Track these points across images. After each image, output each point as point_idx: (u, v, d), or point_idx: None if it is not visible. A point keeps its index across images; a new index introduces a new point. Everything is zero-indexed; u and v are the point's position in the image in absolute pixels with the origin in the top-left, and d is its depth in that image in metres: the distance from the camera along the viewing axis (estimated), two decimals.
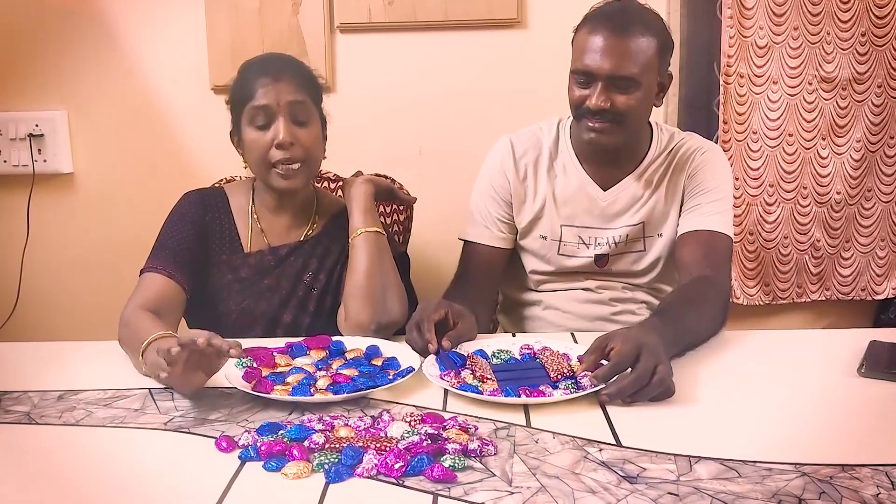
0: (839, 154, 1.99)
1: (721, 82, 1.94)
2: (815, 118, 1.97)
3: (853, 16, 1.92)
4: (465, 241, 1.53)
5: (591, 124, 1.36)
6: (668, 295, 1.41)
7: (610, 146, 1.39)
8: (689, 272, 1.37)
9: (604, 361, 1.04)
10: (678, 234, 1.44)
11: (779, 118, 1.96)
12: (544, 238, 1.49)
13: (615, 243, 1.47)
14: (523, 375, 1.09)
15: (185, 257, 1.34)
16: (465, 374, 1.09)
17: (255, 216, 1.43)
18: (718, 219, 1.41)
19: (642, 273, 1.50)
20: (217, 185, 1.65)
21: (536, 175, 1.49)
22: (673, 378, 1.03)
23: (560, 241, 1.48)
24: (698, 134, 1.53)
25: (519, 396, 1.01)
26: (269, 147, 1.32)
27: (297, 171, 1.34)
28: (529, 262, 1.53)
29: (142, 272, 1.32)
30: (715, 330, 1.27)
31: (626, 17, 1.34)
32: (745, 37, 1.92)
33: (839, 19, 1.92)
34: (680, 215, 1.45)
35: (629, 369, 1.01)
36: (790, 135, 1.97)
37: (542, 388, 1.03)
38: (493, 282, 1.55)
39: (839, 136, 1.98)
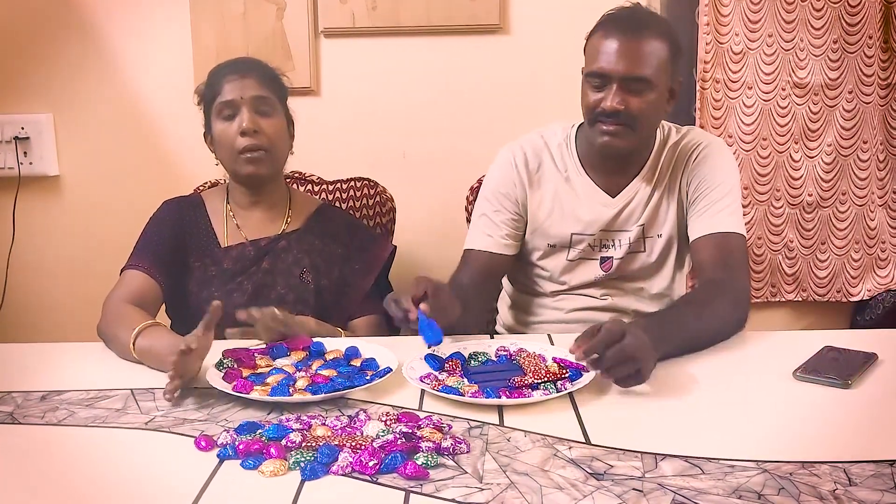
0: (811, 157, 2.03)
1: (698, 87, 1.97)
2: (788, 122, 2.00)
3: (825, 23, 1.96)
4: (466, 249, 1.52)
5: (605, 127, 1.37)
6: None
7: (623, 150, 1.40)
8: (703, 276, 1.38)
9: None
10: (692, 239, 1.43)
11: (753, 122, 2.00)
12: (553, 246, 1.50)
13: (621, 246, 1.48)
14: (500, 377, 1.10)
15: (163, 257, 1.42)
16: (444, 376, 1.11)
17: (231, 213, 1.49)
18: (729, 218, 1.40)
19: (646, 275, 1.50)
20: (198, 188, 1.70)
21: (542, 183, 1.50)
22: (650, 368, 1.06)
23: (569, 247, 1.49)
24: None
25: (499, 398, 1.03)
26: (236, 136, 1.40)
27: (262, 158, 1.41)
28: (536, 270, 1.53)
29: (123, 270, 1.41)
30: (725, 330, 1.27)
31: (639, 20, 1.36)
32: (721, 43, 1.96)
33: (812, 26, 1.96)
34: (687, 216, 1.46)
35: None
36: (764, 139, 2.01)
37: (521, 389, 1.05)
38: (490, 288, 1.55)
39: (811, 140, 2.02)
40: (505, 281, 1.63)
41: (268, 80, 1.45)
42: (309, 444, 0.90)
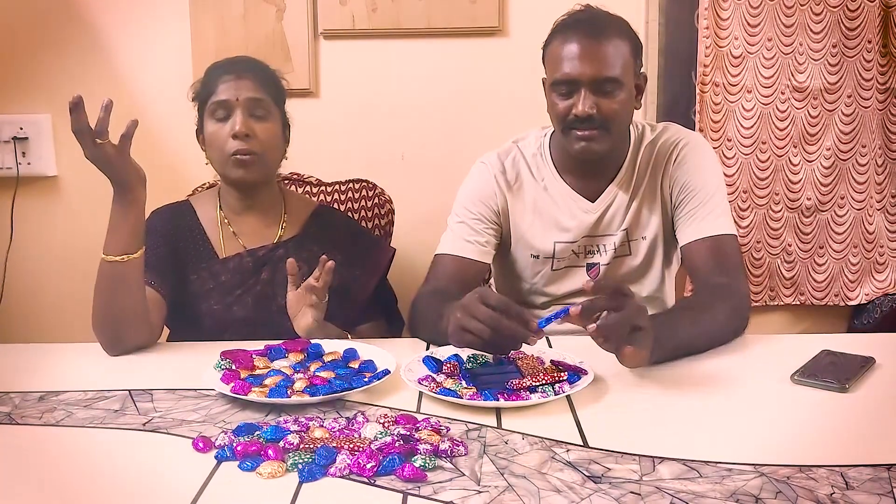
0: (810, 161, 2.04)
1: (697, 91, 1.98)
2: (788, 126, 2.01)
3: (825, 28, 1.96)
4: (440, 254, 1.48)
5: (579, 133, 1.35)
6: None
7: (600, 154, 1.38)
8: (701, 282, 1.37)
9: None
10: (681, 244, 1.42)
11: (752, 126, 2.00)
12: (536, 257, 1.49)
13: (607, 252, 1.47)
14: (498, 380, 1.10)
15: (159, 269, 1.38)
16: (442, 378, 1.11)
17: (225, 220, 1.46)
18: (719, 220, 1.38)
19: (634, 278, 1.49)
20: (197, 189, 1.69)
21: (521, 193, 1.48)
22: (647, 341, 1.06)
23: (553, 258, 1.48)
24: None
25: (497, 400, 1.03)
26: (227, 139, 1.37)
27: (253, 162, 1.38)
28: (522, 283, 1.52)
29: None
30: (724, 336, 1.26)
31: (597, 22, 1.35)
32: (720, 47, 1.96)
33: (811, 31, 1.97)
34: (673, 219, 1.44)
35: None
36: (763, 142, 2.02)
37: (519, 392, 1.05)
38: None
39: (810, 145, 2.03)
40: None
41: (265, 81, 1.42)
42: (307, 446, 0.90)
